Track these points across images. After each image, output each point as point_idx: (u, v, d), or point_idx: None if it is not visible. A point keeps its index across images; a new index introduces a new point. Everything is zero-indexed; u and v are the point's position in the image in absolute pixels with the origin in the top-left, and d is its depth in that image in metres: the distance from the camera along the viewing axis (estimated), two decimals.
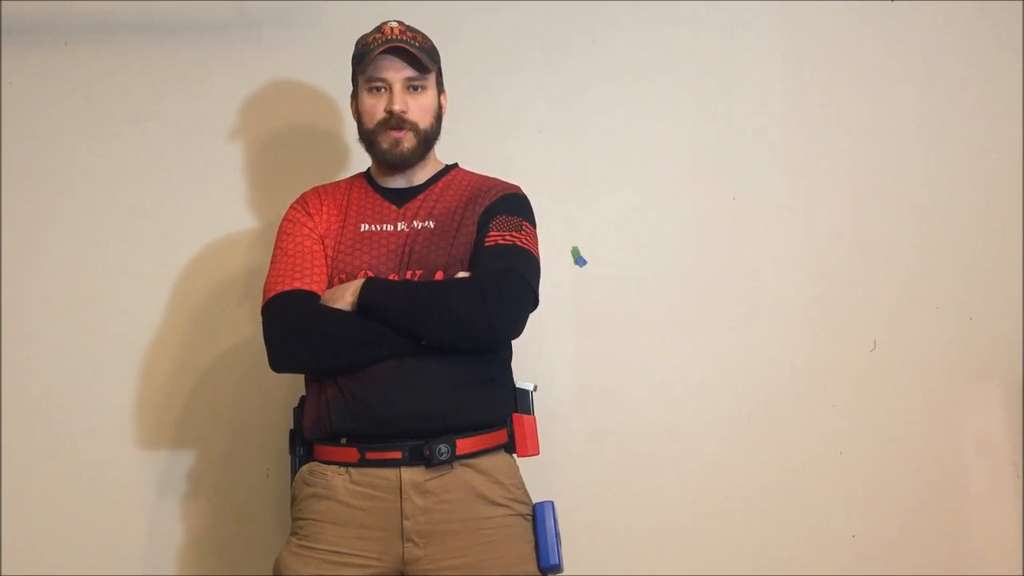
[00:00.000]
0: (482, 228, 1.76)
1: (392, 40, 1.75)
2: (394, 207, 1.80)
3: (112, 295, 2.24)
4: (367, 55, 1.76)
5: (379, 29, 1.80)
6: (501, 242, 1.73)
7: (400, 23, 1.81)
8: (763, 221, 2.36)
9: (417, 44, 1.78)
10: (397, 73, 1.77)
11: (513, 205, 1.80)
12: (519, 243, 1.73)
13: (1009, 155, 2.40)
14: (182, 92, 2.30)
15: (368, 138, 1.80)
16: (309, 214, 1.81)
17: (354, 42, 1.84)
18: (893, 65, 2.41)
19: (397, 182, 1.84)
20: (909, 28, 2.41)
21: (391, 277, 1.72)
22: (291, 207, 1.84)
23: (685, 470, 2.27)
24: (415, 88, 1.78)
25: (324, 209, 1.82)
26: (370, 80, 1.78)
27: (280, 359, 1.69)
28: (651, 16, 2.39)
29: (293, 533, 1.70)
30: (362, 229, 1.78)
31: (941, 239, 2.37)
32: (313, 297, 1.70)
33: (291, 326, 1.68)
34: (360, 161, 1.94)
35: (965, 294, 2.36)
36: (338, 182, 1.91)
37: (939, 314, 2.35)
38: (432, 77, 1.81)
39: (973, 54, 2.42)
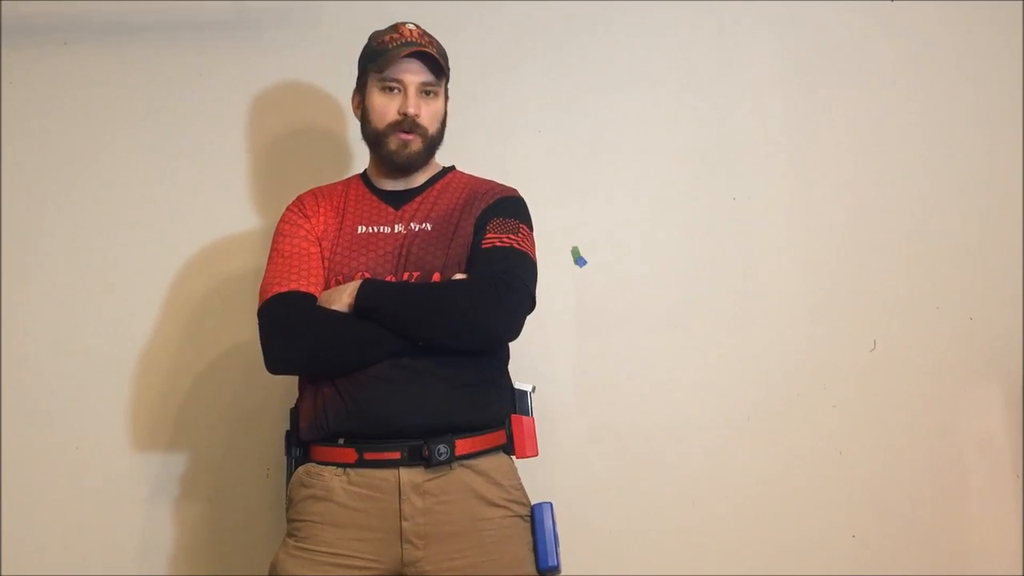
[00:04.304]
0: (479, 231, 1.75)
1: (412, 43, 1.75)
2: (392, 209, 1.80)
3: (111, 296, 2.24)
4: (384, 54, 1.75)
5: (396, 29, 1.79)
6: (498, 244, 1.72)
7: (417, 26, 1.81)
8: (763, 221, 2.36)
9: (435, 49, 1.78)
10: (415, 76, 1.76)
11: (510, 208, 1.80)
12: (516, 245, 1.73)
13: (1009, 155, 2.40)
14: (182, 92, 2.31)
15: (375, 138, 1.79)
16: (306, 216, 1.80)
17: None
18: (893, 65, 2.41)
19: (395, 184, 1.83)
20: (909, 28, 2.41)
21: (388, 278, 1.71)
22: (287, 209, 1.84)
23: (685, 470, 2.27)
24: (428, 93, 1.78)
25: (321, 211, 1.81)
26: (385, 80, 1.77)
27: (276, 361, 1.68)
28: (651, 16, 2.39)
29: (290, 535, 1.69)
30: (359, 231, 1.77)
31: (941, 239, 2.37)
32: (310, 299, 1.70)
33: (287, 328, 1.68)
34: (361, 162, 1.94)
35: (965, 294, 2.36)
36: (334, 184, 1.90)
37: (939, 314, 2.35)
38: (444, 84, 1.82)
39: (973, 54, 2.42)
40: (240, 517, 2.20)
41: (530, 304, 1.71)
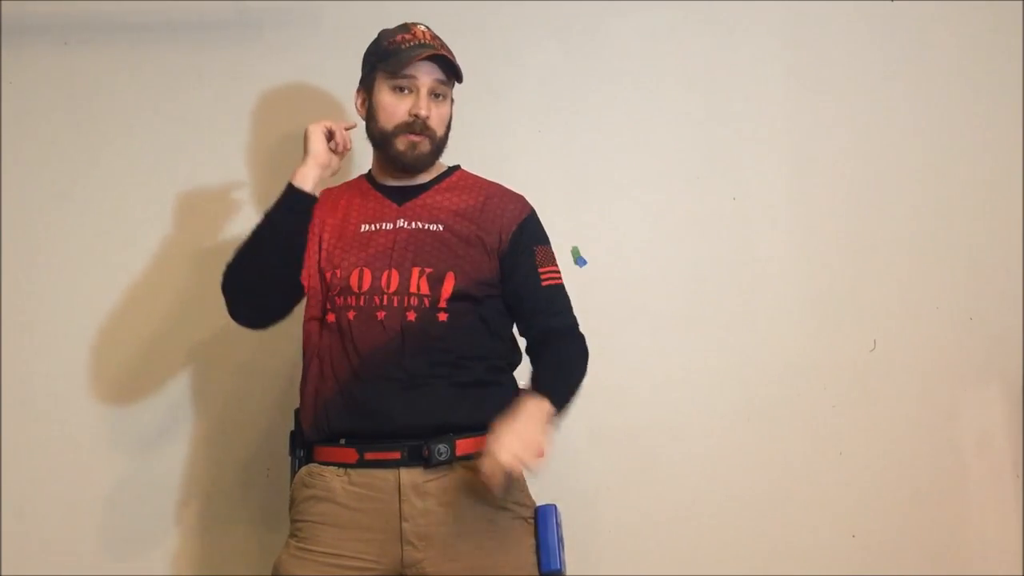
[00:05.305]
0: (525, 252, 1.78)
1: (427, 46, 1.74)
2: (394, 204, 1.79)
3: (112, 296, 2.24)
4: (398, 55, 1.73)
5: (408, 30, 1.77)
6: (552, 283, 1.79)
7: (428, 28, 1.79)
8: (763, 221, 2.36)
9: (449, 52, 1.77)
10: (428, 76, 1.75)
11: (541, 230, 1.84)
12: (562, 283, 1.82)
13: (1009, 155, 2.40)
14: (182, 92, 2.30)
15: (382, 138, 1.78)
16: None
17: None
18: (893, 65, 2.41)
19: (399, 181, 1.82)
20: (909, 28, 2.41)
21: (384, 272, 1.70)
22: None
23: (685, 470, 2.27)
24: (438, 96, 1.77)
25: (321, 209, 1.80)
26: (397, 80, 1.75)
27: (232, 308, 1.81)
28: (651, 16, 2.39)
29: (292, 535, 1.70)
30: (362, 230, 1.77)
31: (941, 239, 2.37)
32: None
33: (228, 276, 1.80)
34: (361, 162, 1.94)
35: (965, 294, 2.36)
36: (340, 185, 1.90)
37: (939, 314, 2.35)
38: (452, 87, 1.81)
39: (973, 54, 2.42)
40: (243, 516, 2.20)
41: None
